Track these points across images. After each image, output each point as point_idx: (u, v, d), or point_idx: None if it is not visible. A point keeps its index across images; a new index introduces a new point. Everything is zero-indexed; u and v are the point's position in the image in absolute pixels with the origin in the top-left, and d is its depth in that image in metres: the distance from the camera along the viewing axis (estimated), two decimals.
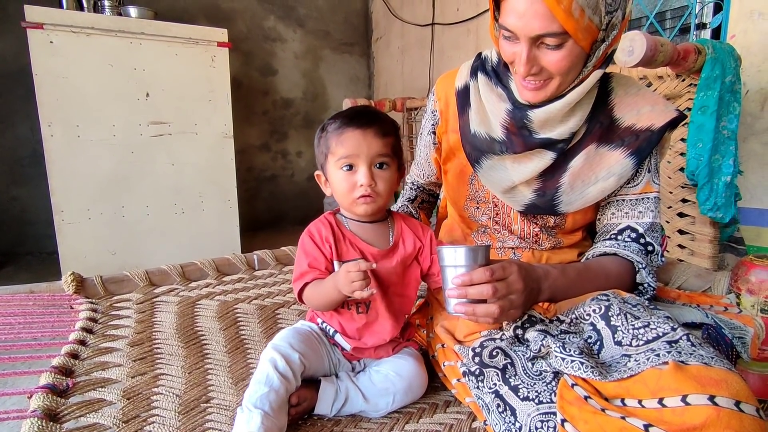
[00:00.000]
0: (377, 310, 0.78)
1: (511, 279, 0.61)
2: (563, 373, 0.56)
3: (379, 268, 0.77)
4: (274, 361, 0.69)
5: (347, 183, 0.74)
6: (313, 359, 0.75)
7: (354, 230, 0.80)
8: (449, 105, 0.89)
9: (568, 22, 0.61)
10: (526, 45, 0.66)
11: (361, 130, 0.73)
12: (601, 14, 0.64)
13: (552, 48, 0.65)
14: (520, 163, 0.79)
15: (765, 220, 1.79)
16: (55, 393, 0.69)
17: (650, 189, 0.79)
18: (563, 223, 0.83)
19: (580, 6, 0.61)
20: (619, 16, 0.66)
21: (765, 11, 1.70)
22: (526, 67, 0.67)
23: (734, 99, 1.42)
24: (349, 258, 0.78)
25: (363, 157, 0.73)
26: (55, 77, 2.11)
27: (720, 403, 0.44)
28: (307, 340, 0.76)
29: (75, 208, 2.22)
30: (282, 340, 0.73)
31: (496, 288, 0.59)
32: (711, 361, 0.49)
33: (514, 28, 0.66)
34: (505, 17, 0.67)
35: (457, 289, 0.60)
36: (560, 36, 0.64)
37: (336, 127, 0.75)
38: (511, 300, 0.60)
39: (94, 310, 1.00)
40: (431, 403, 0.77)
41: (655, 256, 0.78)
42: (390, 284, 0.79)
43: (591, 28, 0.64)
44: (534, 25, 0.63)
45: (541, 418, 0.54)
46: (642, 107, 0.76)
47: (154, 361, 0.85)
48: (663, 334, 0.55)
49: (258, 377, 0.68)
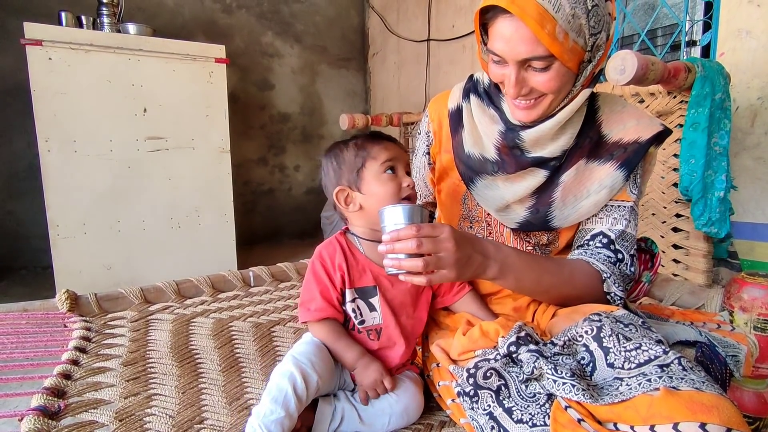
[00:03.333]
0: (389, 335, 0.78)
1: (441, 237, 0.61)
2: (557, 395, 0.56)
3: (393, 291, 0.77)
4: (294, 381, 0.66)
5: (393, 184, 0.77)
6: (327, 381, 0.74)
7: (367, 252, 0.80)
8: (442, 126, 0.91)
9: (553, 45, 0.63)
10: (514, 68, 0.68)
11: (391, 142, 0.80)
12: (585, 36, 0.66)
13: (539, 70, 0.67)
14: (513, 183, 0.80)
15: (758, 234, 1.80)
16: (46, 415, 0.68)
17: (627, 197, 0.79)
18: (556, 240, 0.84)
19: (563, 30, 0.63)
20: (603, 37, 0.69)
21: (752, 30, 1.74)
22: (516, 89, 0.69)
23: (725, 116, 1.45)
24: (362, 285, 0.77)
25: (402, 162, 0.79)
26: (53, 93, 2.12)
27: (711, 430, 0.45)
28: (326, 359, 0.75)
29: (70, 222, 2.21)
30: (304, 356, 0.71)
31: (421, 242, 0.60)
32: (702, 386, 0.50)
33: (502, 52, 0.68)
34: (492, 42, 0.69)
35: (386, 244, 0.62)
36: (547, 59, 0.66)
37: (369, 139, 0.80)
38: (439, 257, 0.61)
39: (88, 328, 0.99)
40: (426, 423, 0.76)
41: (623, 265, 0.78)
42: (404, 307, 0.79)
43: (576, 50, 0.66)
44: (520, 50, 0.66)
45: None
46: (628, 122, 0.78)
47: (148, 381, 0.84)
48: (654, 357, 0.55)
49: (275, 395, 0.65)
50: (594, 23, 0.66)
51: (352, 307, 0.78)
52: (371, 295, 0.78)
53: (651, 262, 0.95)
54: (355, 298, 0.78)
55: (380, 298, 0.77)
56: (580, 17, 0.64)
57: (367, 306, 0.78)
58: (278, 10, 3.67)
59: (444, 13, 3.26)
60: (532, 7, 0.62)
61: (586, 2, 0.64)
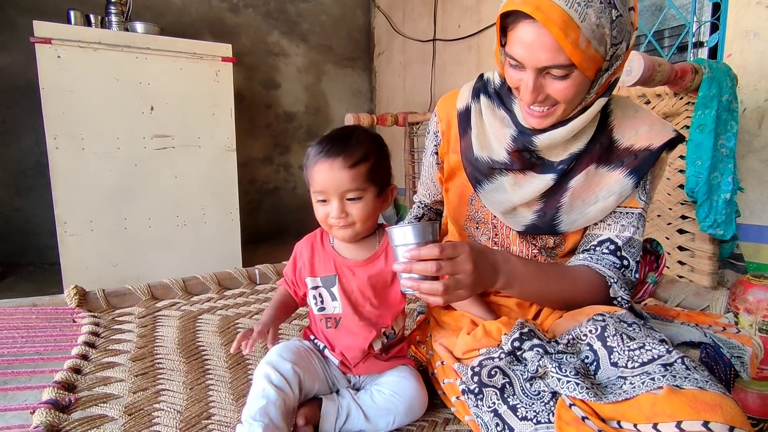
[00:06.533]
0: (348, 324, 0.79)
1: (459, 259, 0.61)
2: (561, 393, 0.56)
3: (352, 282, 0.79)
4: (268, 376, 0.70)
5: (322, 212, 0.75)
6: (307, 369, 0.76)
7: (335, 244, 0.82)
8: (450, 126, 0.90)
9: (575, 54, 0.63)
10: (532, 75, 0.67)
11: (329, 163, 0.72)
12: (606, 45, 0.65)
13: (558, 78, 0.67)
14: (521, 186, 0.80)
15: (764, 237, 1.80)
16: (57, 408, 0.69)
17: (635, 204, 0.79)
18: (563, 244, 0.83)
19: (587, 38, 0.62)
20: (624, 47, 0.68)
21: (760, 31, 1.73)
22: (532, 96, 0.68)
23: (731, 117, 1.44)
24: (325, 274, 0.80)
25: (333, 192, 0.73)
26: (62, 91, 2.14)
27: (714, 429, 0.45)
28: (298, 351, 0.78)
29: (78, 219, 2.23)
30: (272, 354, 0.75)
31: (441, 266, 0.59)
32: (706, 385, 0.50)
33: (521, 58, 0.67)
34: (511, 46, 0.68)
35: (404, 264, 0.60)
36: (567, 68, 0.65)
37: (312, 157, 0.75)
38: (457, 280, 0.60)
39: (96, 324, 1.01)
40: (431, 420, 0.77)
41: (629, 271, 0.78)
42: (365, 298, 0.79)
43: (596, 58, 0.65)
44: (541, 57, 0.65)
45: None
46: (640, 128, 0.77)
47: (156, 377, 0.85)
48: (658, 356, 0.55)
49: (254, 393, 0.69)
50: (617, 33, 0.65)
51: (314, 294, 0.81)
52: (332, 284, 0.80)
53: (656, 263, 0.95)
54: (318, 287, 0.81)
55: (339, 287, 0.79)
56: (605, 26, 0.63)
57: (329, 295, 0.80)
58: (285, 9, 3.69)
59: (450, 13, 3.26)
60: (557, 15, 0.61)
61: (611, 12, 0.63)
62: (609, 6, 0.63)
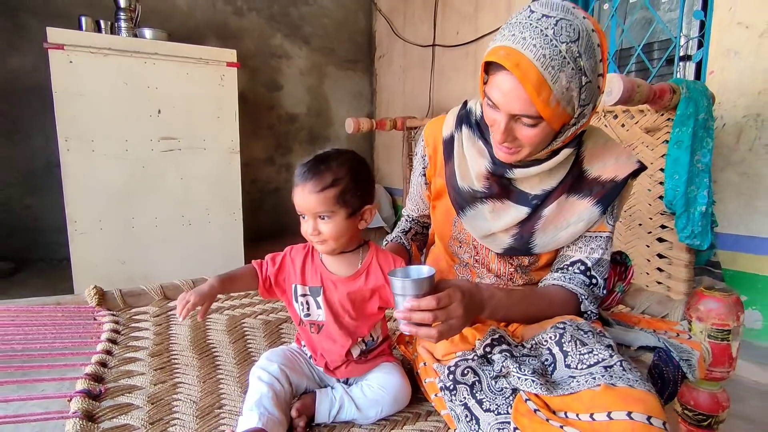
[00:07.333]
0: (329, 331, 0.88)
1: (452, 307, 0.69)
2: (520, 389, 0.66)
3: (335, 295, 0.87)
4: (259, 376, 0.82)
5: (303, 228, 0.85)
6: (293, 368, 0.87)
7: (324, 259, 0.91)
8: (437, 151, 0.99)
9: (545, 110, 0.71)
10: (505, 118, 0.75)
11: (302, 186, 0.81)
12: (574, 106, 0.74)
13: (527, 125, 0.75)
14: (499, 216, 0.89)
15: (741, 246, 1.90)
16: (90, 397, 0.79)
17: (604, 228, 0.88)
18: (537, 262, 0.93)
19: (557, 98, 0.71)
20: (590, 108, 0.76)
21: (740, 50, 1.82)
22: (503, 136, 0.77)
23: (707, 135, 1.54)
24: (312, 284, 0.89)
25: (307, 212, 0.82)
26: (73, 95, 2.23)
27: (635, 417, 0.55)
28: (284, 354, 0.89)
29: (88, 218, 2.32)
30: (262, 359, 0.87)
31: (437, 316, 0.68)
32: (635, 384, 0.60)
33: (497, 102, 0.75)
34: (490, 89, 0.77)
35: (403, 313, 0.69)
36: (536, 119, 0.73)
37: (295, 179, 0.84)
38: (450, 324, 0.69)
39: (116, 322, 1.11)
40: (415, 412, 0.87)
41: (597, 288, 0.88)
42: (345, 309, 0.88)
43: (564, 116, 0.74)
44: (515, 106, 0.73)
45: (499, 427, 0.65)
46: (608, 160, 0.86)
47: (173, 371, 0.95)
48: (602, 360, 0.65)
49: (250, 391, 0.81)
50: (585, 96, 0.73)
51: (302, 300, 0.90)
52: (318, 294, 0.89)
53: (624, 274, 1.05)
54: (306, 294, 0.90)
55: (323, 298, 0.88)
56: (574, 90, 0.71)
57: (315, 303, 0.89)
58: (288, 12, 3.76)
59: (449, 19, 3.34)
60: (533, 74, 0.69)
61: (582, 78, 0.71)
62: (580, 72, 0.71)
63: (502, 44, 0.72)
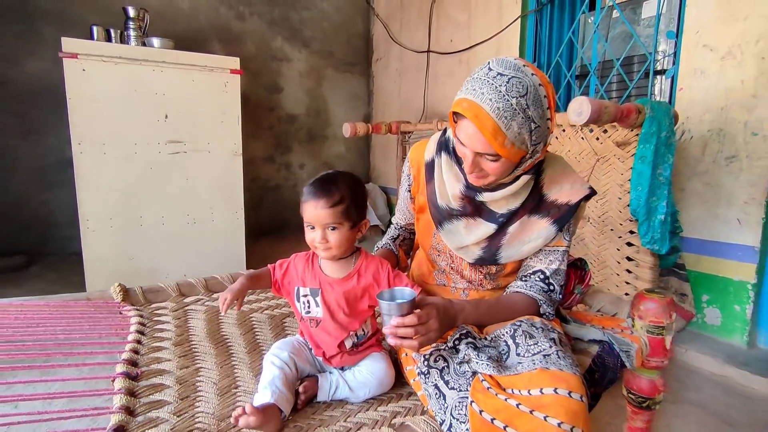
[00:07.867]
0: (325, 326, 1.04)
1: (430, 323, 0.86)
2: (478, 372, 0.83)
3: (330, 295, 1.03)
4: (272, 361, 0.98)
5: (310, 237, 1.00)
6: (299, 356, 1.03)
7: (322, 264, 1.07)
8: (420, 172, 1.15)
9: (502, 150, 0.87)
10: (471, 155, 0.91)
11: (314, 202, 0.96)
12: (527, 145, 0.89)
13: (490, 160, 0.91)
14: (471, 231, 1.05)
15: (704, 249, 2.07)
16: (130, 378, 0.95)
17: (561, 243, 1.04)
18: (503, 270, 1.08)
19: (511, 141, 0.86)
20: (541, 146, 0.92)
21: (706, 70, 1.98)
22: (471, 168, 0.93)
23: (668, 151, 1.70)
24: (312, 286, 1.05)
25: (317, 223, 0.97)
26: (86, 101, 2.36)
27: (559, 392, 0.72)
28: (292, 344, 1.05)
29: (99, 217, 2.47)
30: (274, 348, 1.03)
31: (417, 331, 0.84)
32: (564, 368, 0.77)
33: (464, 142, 0.91)
34: (459, 131, 0.92)
35: (390, 329, 0.85)
36: (496, 156, 0.89)
37: (305, 195, 1.00)
38: (429, 336, 0.86)
39: (141, 315, 1.26)
40: (398, 393, 1.03)
41: (554, 294, 1.04)
42: (339, 307, 1.03)
43: (519, 153, 0.90)
44: (478, 146, 0.88)
45: (460, 400, 0.81)
46: (564, 185, 1.02)
47: (194, 358, 1.11)
48: (543, 350, 0.82)
49: (264, 373, 0.97)
50: (535, 138, 0.89)
51: (303, 300, 1.06)
52: (317, 295, 1.05)
53: (583, 278, 1.21)
54: (307, 295, 1.06)
55: (321, 298, 1.04)
56: (525, 134, 0.87)
57: (314, 302, 1.05)
58: (288, 16, 3.89)
59: (444, 27, 3.48)
60: (489, 124, 0.84)
61: (531, 124, 0.86)
62: (529, 120, 0.86)
63: (465, 97, 0.88)
